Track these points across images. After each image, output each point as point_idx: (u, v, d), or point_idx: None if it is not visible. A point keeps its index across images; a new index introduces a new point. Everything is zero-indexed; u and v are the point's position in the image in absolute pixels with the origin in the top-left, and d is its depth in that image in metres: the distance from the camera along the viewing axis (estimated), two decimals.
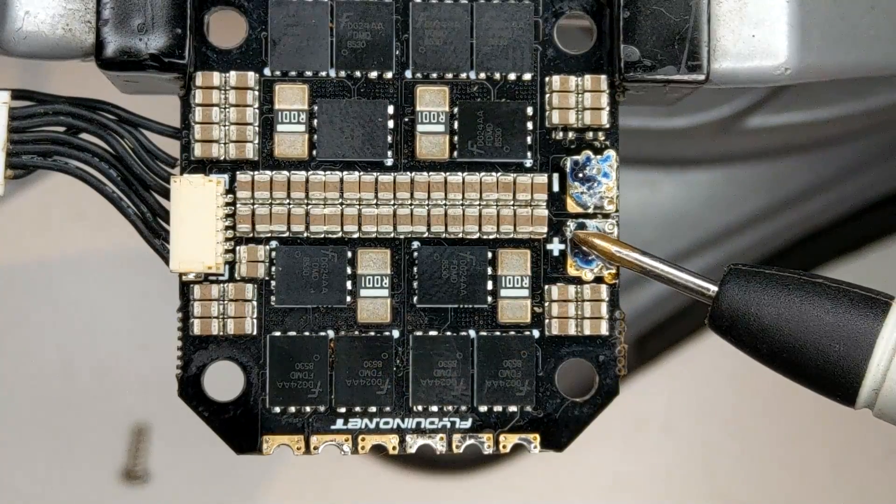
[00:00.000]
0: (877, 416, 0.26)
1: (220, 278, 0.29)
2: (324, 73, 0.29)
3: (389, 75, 0.29)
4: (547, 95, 0.29)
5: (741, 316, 0.26)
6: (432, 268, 0.29)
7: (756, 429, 0.60)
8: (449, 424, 0.29)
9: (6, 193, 0.28)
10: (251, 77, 0.29)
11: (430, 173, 0.29)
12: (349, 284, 0.29)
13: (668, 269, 0.28)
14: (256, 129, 0.29)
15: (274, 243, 0.29)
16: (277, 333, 0.29)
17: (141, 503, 0.58)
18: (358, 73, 0.29)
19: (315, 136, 0.29)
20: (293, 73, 0.29)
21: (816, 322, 0.26)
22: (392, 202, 0.29)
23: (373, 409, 0.29)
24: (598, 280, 0.29)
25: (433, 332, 0.29)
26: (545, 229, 0.29)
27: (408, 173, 0.29)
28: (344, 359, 0.29)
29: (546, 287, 0.29)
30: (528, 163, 0.29)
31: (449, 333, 0.29)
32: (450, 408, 0.29)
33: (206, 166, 0.29)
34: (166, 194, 0.28)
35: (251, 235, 0.29)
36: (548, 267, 0.29)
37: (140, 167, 0.29)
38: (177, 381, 0.29)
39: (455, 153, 0.29)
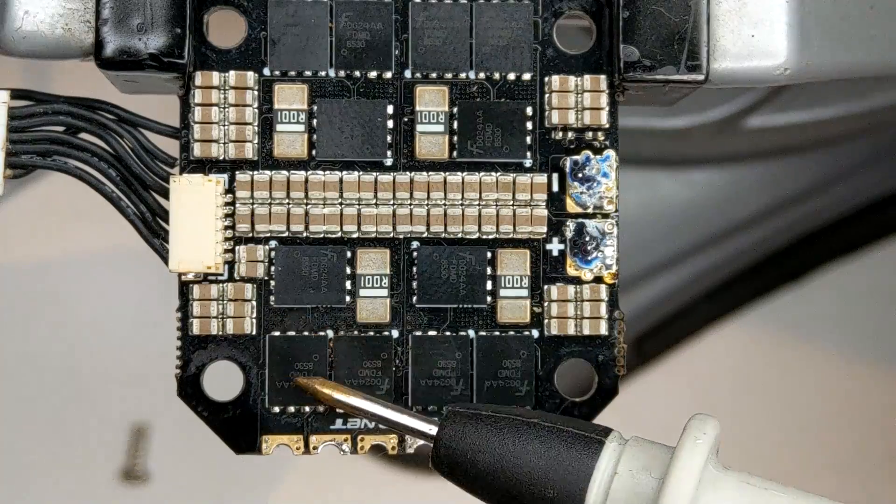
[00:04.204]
0: None
1: (220, 278, 0.29)
2: (323, 73, 0.29)
3: (389, 75, 0.29)
4: (546, 95, 0.29)
5: (459, 462, 0.26)
6: (432, 268, 0.29)
7: (755, 430, 0.60)
8: None
9: (6, 193, 0.28)
10: (250, 77, 0.29)
11: (430, 173, 0.29)
12: (348, 284, 0.29)
13: (387, 413, 0.27)
14: (256, 128, 0.29)
15: (273, 243, 0.29)
16: (277, 333, 0.29)
17: (140, 503, 0.58)
18: (357, 73, 0.29)
19: (314, 136, 0.29)
20: (293, 73, 0.29)
21: (529, 467, 0.25)
22: (391, 202, 0.29)
23: None
24: (598, 280, 0.29)
25: (432, 332, 0.29)
26: (544, 229, 0.29)
27: (407, 173, 0.29)
28: (343, 359, 0.29)
29: (545, 287, 0.29)
30: (528, 163, 0.29)
31: (448, 333, 0.29)
32: (449, 408, 0.29)
33: (205, 166, 0.29)
34: (165, 194, 0.28)
35: (250, 235, 0.29)
36: (547, 267, 0.29)
37: (139, 167, 0.29)
38: (176, 380, 0.29)
39: (454, 153, 0.29)
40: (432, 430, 0.27)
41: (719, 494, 0.25)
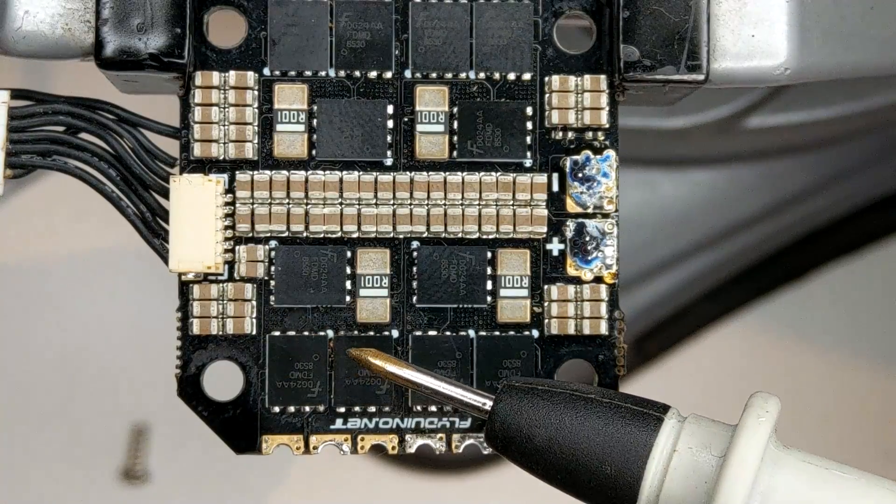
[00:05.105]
0: None
1: (220, 278, 0.29)
2: (323, 73, 0.29)
3: (389, 75, 0.29)
4: (546, 95, 0.29)
5: (514, 436, 0.26)
6: (432, 268, 0.29)
7: None
8: (448, 424, 0.29)
9: (6, 193, 0.28)
10: (250, 77, 0.29)
11: (430, 173, 0.29)
12: (348, 284, 0.29)
13: (440, 386, 0.27)
14: (256, 128, 0.29)
15: (273, 243, 0.29)
16: (277, 333, 0.29)
17: (141, 503, 0.58)
18: (357, 73, 0.29)
19: (314, 136, 0.29)
20: (293, 73, 0.29)
21: (587, 443, 0.25)
22: (391, 202, 0.29)
23: (372, 408, 0.29)
24: (598, 280, 0.29)
25: (432, 332, 0.29)
26: (544, 229, 0.29)
27: (407, 173, 0.29)
28: (343, 358, 0.29)
29: (545, 287, 0.29)
30: (528, 163, 0.29)
31: (448, 333, 0.29)
32: (449, 407, 0.29)
33: (205, 166, 0.29)
34: (166, 194, 0.28)
35: (250, 235, 0.29)
36: (547, 267, 0.29)
37: (139, 167, 0.29)
38: (176, 380, 0.29)
39: (454, 153, 0.29)
40: (487, 404, 0.26)
41: (780, 473, 0.25)
